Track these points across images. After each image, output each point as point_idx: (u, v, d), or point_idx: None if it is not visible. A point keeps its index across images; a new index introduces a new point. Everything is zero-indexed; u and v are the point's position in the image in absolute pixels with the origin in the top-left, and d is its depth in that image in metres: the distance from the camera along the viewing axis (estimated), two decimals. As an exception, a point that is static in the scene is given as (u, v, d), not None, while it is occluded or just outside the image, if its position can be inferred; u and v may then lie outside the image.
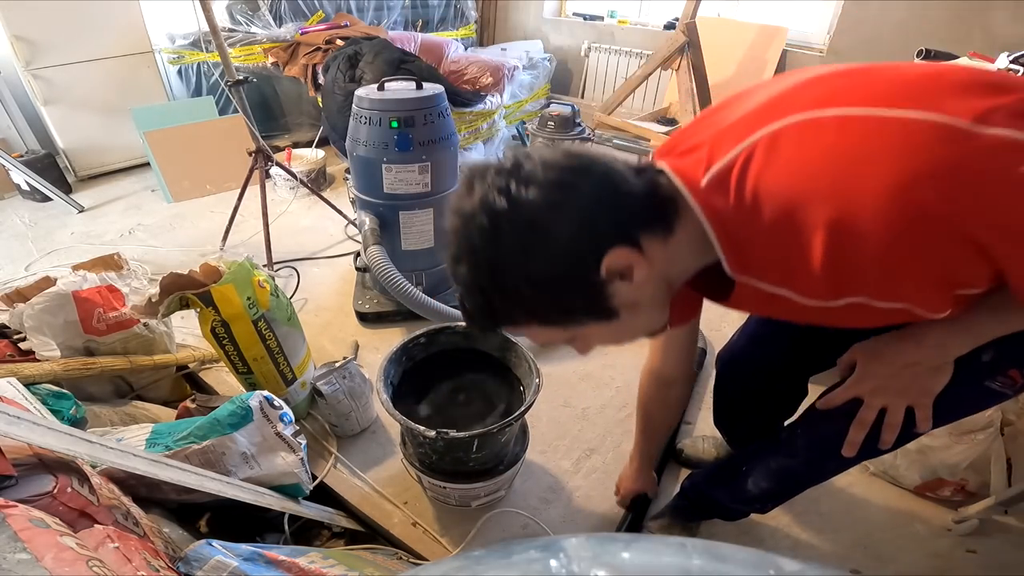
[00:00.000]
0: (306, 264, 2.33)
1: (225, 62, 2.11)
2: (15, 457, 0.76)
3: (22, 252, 2.39)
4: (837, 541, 1.32)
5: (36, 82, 2.71)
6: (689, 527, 1.30)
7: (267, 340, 1.34)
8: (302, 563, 0.88)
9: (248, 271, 1.30)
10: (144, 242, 2.50)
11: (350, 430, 1.51)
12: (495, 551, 0.41)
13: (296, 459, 1.16)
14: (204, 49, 3.07)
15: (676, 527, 1.29)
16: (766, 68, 3.19)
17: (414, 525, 1.31)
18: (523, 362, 1.26)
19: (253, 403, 1.13)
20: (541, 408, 1.64)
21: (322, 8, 3.34)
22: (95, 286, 1.39)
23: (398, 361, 1.26)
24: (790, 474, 0.98)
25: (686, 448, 1.49)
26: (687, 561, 0.36)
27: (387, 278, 1.63)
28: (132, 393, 1.50)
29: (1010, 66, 1.70)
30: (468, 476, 1.21)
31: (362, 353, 1.85)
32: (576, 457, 1.51)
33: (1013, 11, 2.43)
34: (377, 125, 1.67)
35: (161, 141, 2.75)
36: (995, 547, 1.31)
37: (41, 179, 2.68)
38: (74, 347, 1.33)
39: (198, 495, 0.99)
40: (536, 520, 1.33)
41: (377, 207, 1.81)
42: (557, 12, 4.44)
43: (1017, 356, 0.73)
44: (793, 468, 0.96)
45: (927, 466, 1.36)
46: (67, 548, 0.61)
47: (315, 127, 3.44)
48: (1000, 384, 0.75)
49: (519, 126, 3.74)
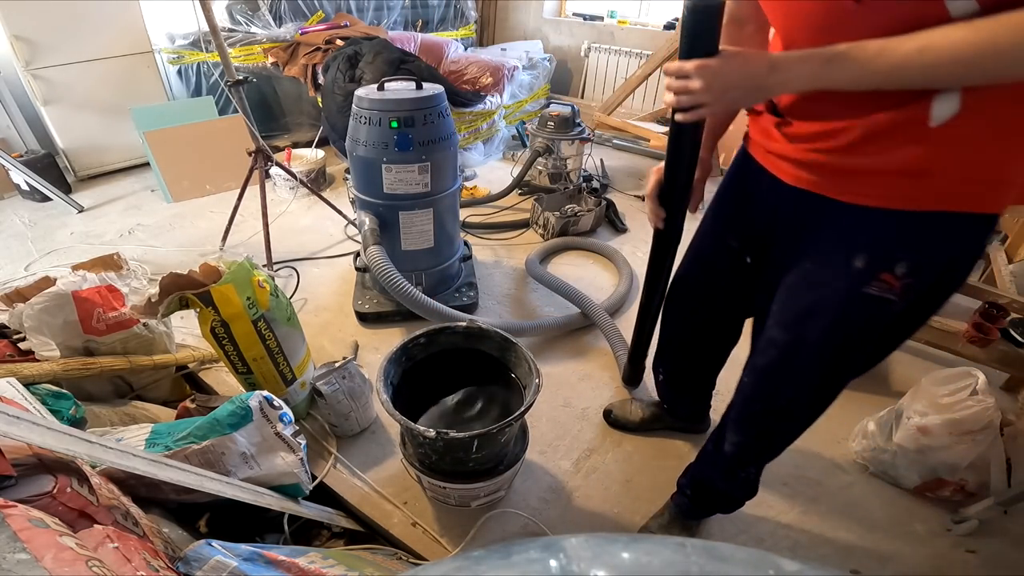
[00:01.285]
0: (306, 264, 2.33)
1: (225, 62, 2.11)
2: (15, 457, 0.76)
3: (22, 252, 2.39)
4: (837, 541, 1.32)
5: (36, 82, 2.71)
6: (688, 526, 1.31)
7: (267, 340, 1.34)
8: (302, 563, 0.88)
9: (248, 271, 1.30)
10: (144, 242, 2.50)
11: (350, 430, 1.51)
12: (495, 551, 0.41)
13: (296, 459, 1.16)
14: (204, 49, 3.07)
15: (675, 527, 1.30)
16: (766, 68, 3.19)
17: (414, 525, 1.31)
18: (523, 362, 1.26)
19: (253, 403, 1.13)
20: (541, 408, 1.64)
21: (322, 8, 3.34)
22: (95, 286, 1.39)
23: (398, 361, 1.26)
24: (752, 416, 1.04)
25: (614, 409, 1.61)
26: (687, 561, 0.36)
27: (387, 278, 1.63)
28: (132, 393, 1.50)
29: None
30: (468, 476, 1.21)
31: (362, 353, 1.85)
32: (576, 457, 1.51)
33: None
34: (377, 125, 1.67)
35: (161, 141, 2.75)
36: (995, 547, 1.31)
37: (41, 179, 2.68)
38: (74, 347, 1.33)
39: (198, 495, 0.99)
40: (536, 520, 1.33)
41: (377, 207, 1.81)
42: (557, 12, 4.44)
43: (886, 260, 0.78)
44: (752, 408, 1.03)
45: (927, 466, 1.36)
46: (67, 548, 0.61)
47: (315, 127, 3.44)
48: (877, 289, 0.80)
49: (519, 126, 3.74)
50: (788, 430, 1.04)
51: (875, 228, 0.78)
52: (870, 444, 1.48)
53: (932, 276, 0.80)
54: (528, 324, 1.87)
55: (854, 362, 0.90)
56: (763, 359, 0.97)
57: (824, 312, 0.85)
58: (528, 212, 2.76)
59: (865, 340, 0.87)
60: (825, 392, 0.95)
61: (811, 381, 0.93)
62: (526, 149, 3.57)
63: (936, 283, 0.81)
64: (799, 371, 0.92)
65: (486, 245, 2.56)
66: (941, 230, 0.75)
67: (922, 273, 0.79)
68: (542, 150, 2.87)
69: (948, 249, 0.77)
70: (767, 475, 1.46)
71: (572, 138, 2.86)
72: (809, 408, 0.98)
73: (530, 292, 2.21)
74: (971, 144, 0.69)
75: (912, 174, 0.72)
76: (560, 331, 1.95)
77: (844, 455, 1.55)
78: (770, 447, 1.09)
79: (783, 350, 0.93)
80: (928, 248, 0.77)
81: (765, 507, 1.39)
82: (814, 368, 0.91)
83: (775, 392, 0.98)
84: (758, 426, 1.05)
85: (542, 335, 1.93)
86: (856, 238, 0.81)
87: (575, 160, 2.96)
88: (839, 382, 0.93)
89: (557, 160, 2.91)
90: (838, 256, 0.82)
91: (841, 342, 0.87)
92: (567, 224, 2.59)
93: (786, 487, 1.45)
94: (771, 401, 0.99)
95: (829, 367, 0.90)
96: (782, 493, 1.43)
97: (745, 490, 1.19)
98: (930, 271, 0.79)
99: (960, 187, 0.71)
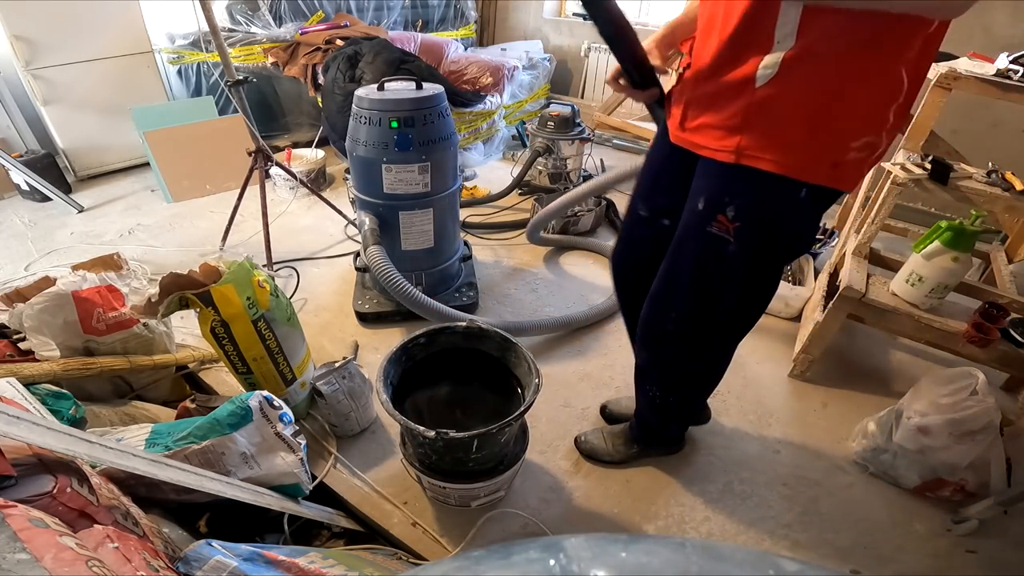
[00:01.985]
0: (306, 264, 2.33)
1: (225, 62, 2.11)
2: (15, 457, 0.76)
3: (22, 252, 2.39)
4: (837, 541, 1.32)
5: (36, 82, 2.71)
6: (631, 447, 1.47)
7: (267, 340, 1.34)
8: (302, 563, 0.88)
9: (248, 271, 1.30)
10: (144, 242, 2.50)
11: (350, 430, 1.51)
12: (495, 551, 0.41)
13: (296, 459, 1.16)
14: (204, 49, 3.08)
15: (621, 438, 1.48)
16: (766, 68, 3.19)
17: (414, 525, 1.31)
18: (523, 362, 1.26)
19: (253, 403, 1.13)
20: (541, 408, 1.64)
21: (322, 8, 3.34)
22: (95, 286, 1.39)
23: (398, 361, 1.26)
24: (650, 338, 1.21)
25: (610, 405, 1.65)
26: (686, 561, 0.36)
27: (387, 278, 1.63)
28: (132, 393, 1.50)
29: (1010, 66, 1.70)
30: (468, 476, 1.21)
31: (362, 353, 1.85)
32: (576, 457, 1.51)
33: (1013, 11, 2.43)
34: (377, 125, 1.67)
35: (161, 141, 2.75)
36: (995, 547, 1.31)
37: (41, 179, 2.68)
38: (74, 347, 1.33)
39: (198, 495, 0.99)
40: (536, 520, 1.33)
41: (377, 207, 1.81)
42: (557, 12, 4.44)
43: (719, 204, 0.95)
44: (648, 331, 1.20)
45: (927, 466, 1.36)
46: (67, 548, 0.61)
47: (315, 127, 3.44)
48: (717, 228, 0.96)
49: (519, 126, 3.74)
50: (681, 356, 1.19)
51: (711, 176, 0.95)
52: (870, 444, 1.48)
53: (761, 227, 0.94)
54: (528, 324, 1.87)
55: (718, 296, 1.06)
56: (654, 288, 1.15)
57: (687, 245, 1.04)
58: (528, 212, 2.76)
59: (718, 274, 1.02)
60: (702, 322, 1.10)
61: (688, 306, 1.09)
62: (526, 149, 3.57)
63: (768, 235, 0.95)
64: (677, 296, 1.10)
65: (486, 245, 2.56)
66: (754, 185, 0.89)
67: (748, 220, 0.93)
68: (542, 150, 2.87)
69: (767, 204, 0.92)
70: (767, 475, 1.47)
71: (572, 138, 2.86)
72: (694, 336, 1.13)
73: (530, 292, 2.21)
74: (776, 106, 0.81)
75: (730, 129, 0.88)
76: (560, 331, 1.95)
77: (844, 455, 1.55)
78: (670, 374, 1.25)
79: (664, 278, 1.11)
80: (746, 199, 0.92)
81: (765, 507, 1.39)
82: (687, 295, 1.08)
83: (663, 315, 1.14)
84: (654, 347, 1.22)
85: (542, 335, 1.93)
86: (702, 184, 0.98)
87: (575, 160, 2.96)
88: (712, 315, 1.09)
89: (557, 160, 2.91)
90: (695, 200, 0.99)
91: (700, 274, 1.04)
92: (567, 224, 2.59)
93: (786, 487, 1.45)
94: (660, 324, 1.16)
95: (699, 296, 1.07)
96: (782, 493, 1.43)
97: (661, 419, 1.36)
98: (756, 221, 0.94)
99: (763, 148, 0.85)
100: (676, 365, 1.23)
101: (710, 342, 1.15)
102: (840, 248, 2.12)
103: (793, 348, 1.91)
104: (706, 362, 1.22)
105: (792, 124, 0.82)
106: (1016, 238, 2.15)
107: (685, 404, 1.35)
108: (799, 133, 0.82)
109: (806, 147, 0.83)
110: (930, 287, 1.56)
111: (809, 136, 0.82)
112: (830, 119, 0.80)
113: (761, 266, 1.01)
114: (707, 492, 1.43)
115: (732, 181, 0.91)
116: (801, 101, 0.80)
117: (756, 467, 1.50)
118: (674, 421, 1.41)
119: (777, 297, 2.06)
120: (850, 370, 1.86)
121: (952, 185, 1.51)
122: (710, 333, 1.13)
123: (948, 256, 1.51)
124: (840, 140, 0.82)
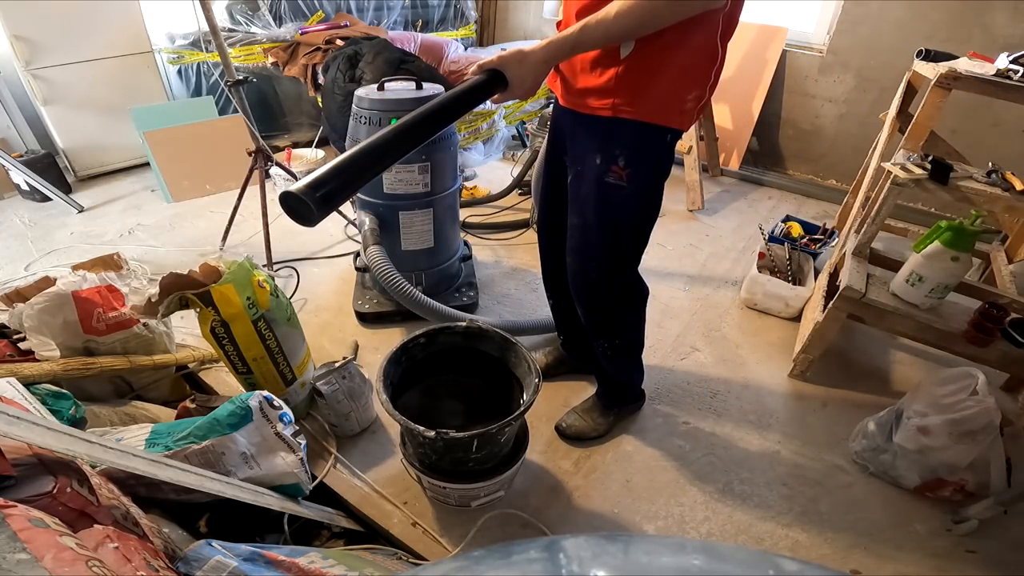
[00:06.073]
0: (306, 264, 2.33)
1: (225, 62, 2.11)
2: (15, 457, 0.76)
3: (22, 252, 2.39)
4: (837, 541, 1.32)
5: (36, 82, 2.71)
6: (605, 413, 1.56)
7: (267, 340, 1.34)
8: (302, 563, 0.88)
9: (248, 271, 1.30)
10: (144, 242, 2.50)
11: (350, 430, 1.50)
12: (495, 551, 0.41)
13: (296, 459, 1.16)
14: (204, 49, 3.07)
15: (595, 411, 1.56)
16: (766, 68, 3.19)
17: (414, 525, 1.31)
18: (523, 362, 1.26)
19: (253, 403, 1.13)
20: (541, 408, 1.64)
21: (322, 8, 3.34)
22: (95, 286, 1.39)
23: (398, 361, 1.26)
24: (581, 291, 1.32)
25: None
26: (687, 561, 0.36)
27: (387, 278, 1.63)
28: (132, 393, 1.50)
29: (1010, 66, 1.70)
30: (468, 476, 1.21)
31: (362, 353, 1.85)
32: (576, 457, 1.51)
33: (1013, 11, 2.43)
34: (377, 125, 1.67)
35: (161, 141, 2.75)
36: (995, 547, 1.31)
37: (41, 179, 2.67)
38: (74, 347, 1.33)
39: (198, 495, 0.99)
40: (536, 520, 1.33)
41: (377, 207, 1.81)
42: (557, 12, 4.44)
43: (612, 156, 1.12)
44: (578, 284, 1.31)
45: (927, 466, 1.36)
46: (67, 548, 0.61)
47: (315, 127, 3.44)
48: (613, 177, 1.13)
49: (519, 126, 3.74)
50: (608, 296, 1.31)
51: (601, 132, 1.12)
52: (870, 444, 1.48)
53: (646, 167, 1.14)
54: (528, 324, 1.87)
55: (625, 240, 1.23)
56: (572, 241, 1.28)
57: (590, 198, 1.18)
58: (528, 212, 2.76)
59: (622, 219, 1.19)
60: (618, 269, 1.27)
61: (604, 251, 1.23)
62: (526, 149, 3.57)
63: (651, 172, 1.16)
64: (593, 246, 1.24)
65: (486, 245, 2.56)
66: (635, 134, 1.09)
67: (637, 165, 1.12)
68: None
69: (647, 148, 1.12)
70: (767, 475, 1.48)
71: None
72: (614, 274, 1.27)
73: (530, 292, 2.21)
74: (635, 73, 1.03)
75: (609, 91, 1.07)
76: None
77: (844, 455, 1.55)
78: (609, 317, 1.36)
79: (578, 230, 1.25)
80: (632, 146, 1.10)
81: (765, 507, 1.39)
82: (600, 244, 1.22)
83: (586, 266, 1.27)
84: (587, 297, 1.33)
85: (542, 335, 1.93)
86: (593, 140, 1.14)
87: (575, 160, 2.95)
88: (623, 260, 1.26)
89: (557, 160, 2.90)
90: (591, 156, 1.15)
91: (606, 222, 1.19)
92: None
93: (786, 487, 1.45)
94: (585, 275, 1.29)
95: (609, 244, 1.22)
96: (782, 493, 1.43)
97: (621, 369, 1.48)
98: (642, 163, 1.12)
99: (632, 104, 1.06)
100: (610, 307, 1.34)
101: (624, 273, 1.30)
102: (840, 248, 2.12)
103: (793, 348, 1.91)
104: (628, 290, 1.34)
105: (649, 86, 1.04)
106: (1016, 238, 2.15)
107: (632, 342, 1.46)
108: (655, 92, 1.05)
109: (661, 101, 1.06)
110: (930, 287, 1.56)
111: (661, 92, 1.05)
112: (672, 80, 1.04)
113: (647, 199, 1.20)
114: (707, 492, 1.43)
115: (615, 134, 1.10)
116: (652, 68, 1.03)
117: (756, 467, 1.50)
118: (632, 369, 1.53)
119: (777, 297, 2.06)
120: (850, 370, 1.86)
121: (952, 185, 1.51)
122: (623, 266, 1.28)
123: (948, 256, 1.51)
124: (680, 94, 1.06)
